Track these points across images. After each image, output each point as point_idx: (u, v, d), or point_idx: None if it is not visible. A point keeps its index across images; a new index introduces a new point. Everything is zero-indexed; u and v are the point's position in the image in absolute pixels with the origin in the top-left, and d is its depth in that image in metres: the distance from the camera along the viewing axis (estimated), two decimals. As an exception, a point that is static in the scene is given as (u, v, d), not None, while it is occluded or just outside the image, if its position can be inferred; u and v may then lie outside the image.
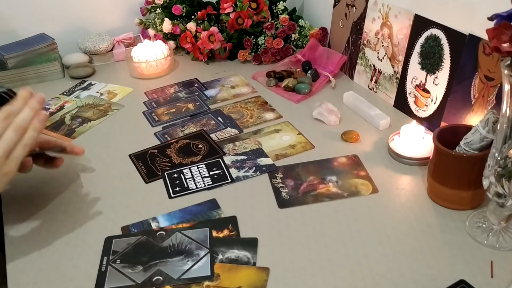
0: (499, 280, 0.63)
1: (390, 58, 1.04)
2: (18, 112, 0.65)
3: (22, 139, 0.65)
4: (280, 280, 0.65)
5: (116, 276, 0.67)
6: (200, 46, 1.29)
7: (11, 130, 0.64)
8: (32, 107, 0.66)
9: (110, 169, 0.90)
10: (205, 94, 1.16)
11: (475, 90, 0.84)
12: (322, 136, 0.96)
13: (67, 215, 0.79)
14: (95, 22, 1.42)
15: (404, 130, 0.88)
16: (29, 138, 0.66)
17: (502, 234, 0.69)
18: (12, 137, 0.64)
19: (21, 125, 0.65)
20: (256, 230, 0.74)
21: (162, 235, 0.73)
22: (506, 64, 0.58)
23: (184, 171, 0.88)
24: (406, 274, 0.65)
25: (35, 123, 0.66)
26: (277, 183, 0.84)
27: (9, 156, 0.64)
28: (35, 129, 0.66)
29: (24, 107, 0.66)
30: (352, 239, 0.71)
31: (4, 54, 1.23)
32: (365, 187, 0.81)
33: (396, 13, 1.01)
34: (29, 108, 0.66)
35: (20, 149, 0.65)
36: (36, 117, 0.66)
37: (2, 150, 0.63)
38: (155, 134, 1.01)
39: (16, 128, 0.64)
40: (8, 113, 0.65)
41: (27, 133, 0.65)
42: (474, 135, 0.72)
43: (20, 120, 0.65)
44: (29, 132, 0.66)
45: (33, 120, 0.66)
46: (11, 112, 0.65)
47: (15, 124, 0.65)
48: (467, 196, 0.74)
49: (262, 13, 1.27)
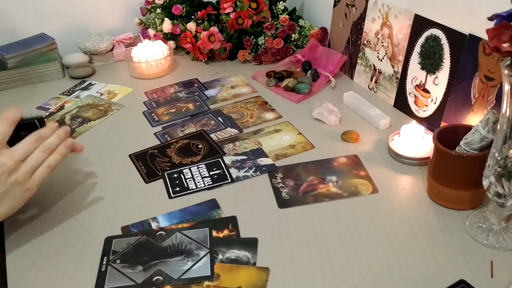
0: (499, 280, 0.63)
1: (390, 58, 1.04)
2: (47, 137, 0.72)
3: (47, 160, 0.71)
4: (280, 280, 0.65)
5: (116, 276, 0.67)
6: (200, 46, 1.29)
7: (40, 151, 0.71)
8: (59, 135, 0.74)
9: (110, 169, 0.90)
10: (205, 94, 1.16)
11: (475, 90, 0.84)
12: (322, 136, 0.96)
13: (67, 215, 0.79)
14: (95, 22, 1.42)
15: (404, 130, 0.88)
16: (54, 160, 0.72)
17: (502, 234, 0.69)
18: (40, 156, 0.70)
19: (49, 147, 0.72)
20: (256, 230, 0.74)
21: (162, 235, 0.73)
22: (506, 64, 0.58)
23: (184, 171, 0.88)
24: (406, 274, 0.65)
25: (62, 148, 0.73)
26: (277, 183, 0.84)
27: (34, 173, 0.70)
28: (61, 153, 0.73)
29: (52, 134, 0.73)
30: (352, 239, 0.71)
31: (4, 54, 1.23)
32: (365, 187, 0.81)
33: (396, 13, 1.01)
34: (57, 135, 0.73)
35: (44, 169, 0.71)
36: (63, 143, 0.74)
37: (29, 166, 0.69)
38: (155, 134, 1.01)
39: (45, 149, 0.71)
40: (39, 136, 0.71)
41: (53, 155, 0.72)
42: (474, 135, 0.72)
43: (49, 143, 0.72)
44: (55, 154, 0.72)
45: (60, 146, 0.73)
46: (42, 135, 0.72)
47: (43, 145, 0.71)
48: (467, 196, 0.74)
49: (262, 13, 1.27)
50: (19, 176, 0.68)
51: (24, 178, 0.69)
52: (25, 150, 0.69)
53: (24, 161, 0.69)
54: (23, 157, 0.69)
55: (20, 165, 0.68)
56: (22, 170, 0.68)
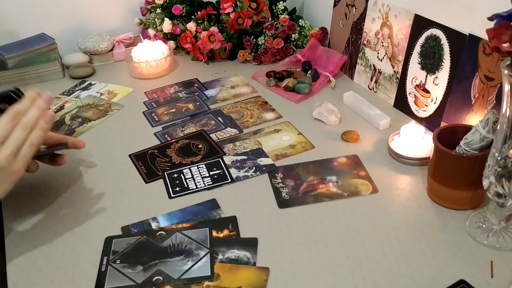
0: (499, 280, 0.63)
1: (390, 58, 1.04)
2: (26, 111, 0.67)
3: (29, 138, 0.66)
4: (280, 280, 0.65)
5: (116, 276, 0.67)
6: (200, 46, 1.29)
7: (19, 130, 0.65)
8: (39, 106, 0.67)
9: (110, 169, 0.90)
10: (205, 94, 1.16)
11: (475, 90, 0.84)
12: (322, 136, 0.96)
13: (67, 215, 0.79)
14: (95, 22, 1.42)
15: (404, 130, 0.88)
16: (36, 137, 0.67)
17: (502, 234, 0.69)
18: (20, 136, 0.65)
19: (29, 124, 0.66)
20: (256, 230, 0.74)
21: (162, 235, 0.73)
22: (506, 64, 0.58)
23: (184, 171, 0.88)
24: (406, 274, 0.65)
25: (42, 122, 0.67)
26: (277, 183, 0.84)
27: (17, 155, 0.65)
28: (42, 128, 0.67)
29: (31, 107, 0.67)
30: (352, 239, 0.71)
31: (4, 54, 1.23)
32: (365, 187, 0.81)
33: (396, 13, 1.01)
34: (36, 107, 0.67)
35: (27, 148, 0.66)
36: (43, 116, 0.68)
37: (11, 149, 0.64)
38: (155, 134, 1.01)
39: (24, 127, 0.66)
40: (16, 112, 0.66)
41: (34, 132, 0.67)
42: (474, 135, 0.72)
43: (27, 120, 0.66)
44: (36, 131, 0.67)
45: (40, 120, 0.67)
46: (18, 111, 0.66)
47: (22, 123, 0.66)
48: (467, 196, 0.74)
49: (262, 13, 1.27)
50: (2, 162, 0.63)
51: (8, 163, 0.64)
52: (3, 131, 0.64)
53: (3, 144, 0.64)
54: (1, 139, 0.64)
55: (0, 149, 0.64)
56: (3, 154, 0.64)
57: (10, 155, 0.64)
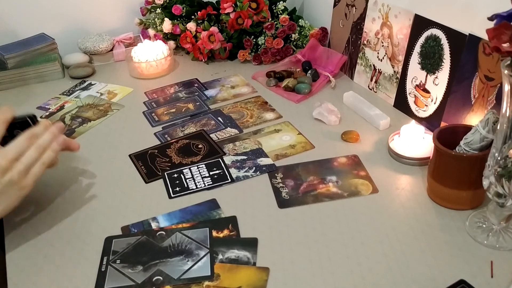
0: (499, 280, 0.63)
1: (390, 58, 1.04)
2: (40, 135, 0.73)
3: (41, 158, 0.72)
4: (280, 280, 0.65)
5: (116, 276, 0.67)
6: (200, 46, 1.29)
7: (33, 149, 0.71)
8: (52, 132, 0.74)
9: (110, 169, 0.90)
10: (205, 94, 1.16)
11: (475, 90, 0.84)
12: (322, 136, 0.96)
13: (67, 215, 0.79)
14: (95, 22, 1.42)
15: (404, 130, 0.88)
16: (47, 157, 0.72)
17: (502, 234, 0.69)
18: (33, 155, 0.71)
19: (42, 146, 0.72)
20: (256, 230, 0.74)
21: (162, 235, 0.73)
22: (506, 64, 0.58)
23: (184, 171, 0.88)
24: (406, 274, 0.65)
25: (54, 145, 0.74)
26: (277, 183, 0.84)
27: (28, 172, 0.70)
28: (54, 150, 0.73)
29: (45, 131, 0.73)
30: (352, 239, 0.71)
31: (4, 54, 1.23)
32: (365, 187, 0.81)
33: (396, 13, 1.01)
34: (50, 132, 0.74)
35: (38, 167, 0.71)
36: (56, 140, 0.74)
37: (24, 165, 0.69)
38: (155, 134, 1.01)
39: (38, 147, 0.71)
40: (32, 134, 0.72)
41: (46, 153, 0.72)
42: (474, 135, 0.72)
43: (42, 141, 0.72)
44: (48, 152, 0.72)
45: (53, 143, 0.73)
46: (34, 133, 0.72)
47: (37, 144, 0.72)
48: (467, 196, 0.74)
49: (262, 13, 1.27)
50: (14, 176, 0.68)
51: (19, 178, 0.69)
52: (19, 149, 0.69)
53: (18, 160, 0.69)
54: (16, 156, 0.69)
55: (14, 165, 0.68)
56: (17, 169, 0.68)
57: (22, 171, 0.69)
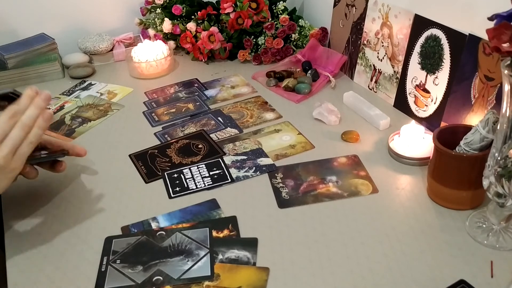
0: (499, 280, 0.63)
1: (390, 58, 1.04)
2: (24, 110, 0.67)
3: (27, 137, 0.67)
4: (280, 280, 0.65)
5: (116, 276, 0.67)
6: (200, 46, 1.29)
7: (17, 128, 0.66)
8: (37, 105, 0.68)
9: (110, 169, 0.90)
10: (205, 94, 1.16)
11: (475, 90, 0.84)
12: (322, 136, 0.96)
13: (67, 215, 0.79)
14: (95, 22, 1.42)
15: (404, 130, 0.88)
16: (34, 136, 0.67)
17: (502, 234, 0.69)
18: (18, 135, 0.66)
19: (27, 123, 0.67)
20: (256, 230, 0.74)
21: (162, 235, 0.73)
22: (506, 64, 0.58)
23: (184, 171, 0.88)
24: (406, 274, 0.65)
25: (40, 121, 0.68)
26: (277, 183, 0.84)
27: (15, 153, 0.66)
28: (40, 127, 0.68)
29: (29, 106, 0.67)
30: (352, 239, 0.71)
31: (4, 54, 1.23)
32: (365, 187, 0.81)
33: (396, 13, 1.01)
34: (35, 106, 0.68)
35: (25, 147, 0.67)
36: (41, 115, 0.68)
37: (9, 148, 0.65)
38: (155, 134, 1.01)
39: (22, 126, 0.66)
40: (14, 111, 0.66)
41: (32, 131, 0.67)
42: (474, 135, 0.72)
43: (25, 118, 0.67)
44: (34, 130, 0.67)
45: (38, 119, 0.68)
46: (17, 110, 0.67)
47: (21, 122, 0.66)
48: (467, 196, 0.74)
49: (262, 13, 1.27)
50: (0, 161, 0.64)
51: (5, 161, 0.65)
52: (1, 129, 0.65)
53: (2, 142, 0.65)
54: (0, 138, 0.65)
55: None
56: (2, 153, 0.64)
57: (8, 153, 0.65)
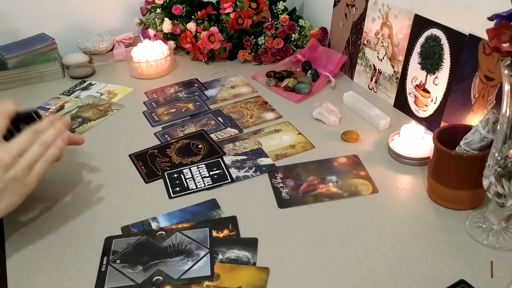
0: (499, 280, 0.63)
1: (390, 58, 1.04)
2: (45, 130, 0.71)
3: (45, 154, 0.70)
4: (280, 280, 0.65)
5: (116, 276, 0.67)
6: (200, 46, 1.29)
7: (37, 145, 0.69)
8: (57, 128, 0.72)
9: (110, 169, 0.90)
10: (205, 94, 1.16)
11: (475, 90, 0.84)
12: (322, 136, 0.96)
13: (67, 215, 0.79)
14: (95, 22, 1.42)
15: (404, 130, 0.88)
16: (51, 155, 0.70)
17: (502, 234, 0.69)
18: (38, 151, 0.69)
19: (47, 141, 0.70)
20: (256, 230, 0.74)
21: (162, 235, 0.73)
22: (506, 64, 0.58)
23: (184, 171, 0.88)
24: (406, 274, 0.65)
25: (59, 142, 0.71)
26: (277, 183, 0.84)
27: (32, 169, 0.68)
28: (58, 147, 0.71)
29: (50, 127, 0.71)
30: (352, 239, 0.71)
31: (4, 54, 1.23)
32: (365, 187, 0.81)
33: (396, 13, 1.01)
34: (55, 128, 0.71)
35: (42, 164, 0.69)
36: (60, 137, 0.72)
37: (27, 162, 0.68)
38: (155, 134, 1.01)
39: (42, 143, 0.69)
40: (36, 129, 0.70)
41: (51, 150, 0.70)
42: (474, 135, 0.72)
43: (46, 137, 0.70)
44: (52, 149, 0.70)
45: (57, 140, 0.71)
46: (39, 129, 0.70)
47: (41, 140, 0.70)
48: (467, 196, 0.74)
49: (262, 13, 1.27)
50: (17, 172, 0.66)
51: (23, 174, 0.67)
52: (22, 145, 0.68)
53: (21, 156, 0.67)
54: (20, 152, 0.67)
55: (17, 161, 0.67)
56: (20, 165, 0.67)
57: (26, 167, 0.67)
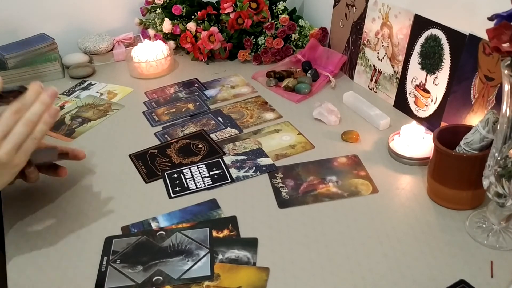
0: (499, 280, 0.63)
1: (390, 58, 1.04)
2: (29, 106, 0.65)
3: (32, 133, 0.65)
4: (280, 280, 0.65)
5: (116, 276, 0.67)
6: (200, 46, 1.29)
7: (22, 124, 0.64)
8: (43, 101, 0.66)
9: (110, 169, 0.90)
10: (205, 94, 1.16)
11: (475, 90, 0.84)
12: (322, 136, 0.96)
13: (67, 215, 0.79)
14: (95, 22, 1.42)
15: (404, 130, 0.88)
16: (39, 132, 0.66)
17: (502, 234, 0.69)
18: (23, 131, 0.64)
19: (31, 119, 0.65)
20: (256, 230, 0.74)
21: (162, 235, 0.73)
22: (506, 64, 0.58)
23: (184, 171, 0.88)
24: (406, 274, 0.65)
25: (46, 117, 0.66)
26: (277, 183, 0.84)
27: (19, 149, 0.65)
28: (46, 123, 0.66)
29: (35, 101, 0.66)
30: (352, 239, 0.71)
31: (4, 54, 1.23)
32: (365, 187, 0.81)
33: (396, 13, 1.01)
34: (40, 102, 0.66)
35: (30, 143, 0.65)
36: (47, 111, 0.66)
37: (12, 144, 0.64)
38: (155, 134, 1.01)
39: (27, 122, 0.65)
40: (19, 107, 0.65)
41: (38, 127, 0.66)
42: (474, 135, 0.72)
43: (30, 115, 0.65)
44: (39, 126, 0.66)
45: (44, 115, 0.66)
46: (22, 106, 0.65)
47: (25, 118, 0.65)
48: (467, 196, 0.74)
49: (262, 13, 1.27)
50: (2, 157, 0.63)
51: (8, 158, 0.63)
52: (4, 126, 0.63)
53: (5, 138, 0.63)
54: (3, 134, 0.63)
55: (1, 144, 0.63)
56: (4, 149, 0.63)
57: (11, 150, 0.64)
